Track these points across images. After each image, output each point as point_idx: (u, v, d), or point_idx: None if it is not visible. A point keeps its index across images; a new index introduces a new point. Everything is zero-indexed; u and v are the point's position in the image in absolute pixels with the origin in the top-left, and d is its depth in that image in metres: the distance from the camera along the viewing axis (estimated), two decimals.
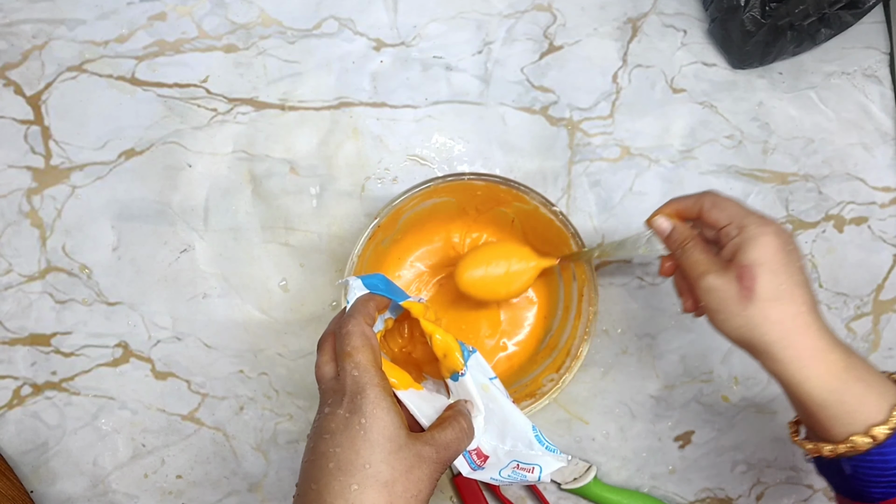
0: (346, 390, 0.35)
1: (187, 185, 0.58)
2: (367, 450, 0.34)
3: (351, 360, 0.36)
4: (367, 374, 0.36)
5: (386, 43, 0.60)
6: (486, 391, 0.42)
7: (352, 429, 0.34)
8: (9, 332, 0.56)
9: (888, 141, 0.62)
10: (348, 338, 0.37)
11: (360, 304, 0.39)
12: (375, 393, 0.35)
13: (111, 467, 0.56)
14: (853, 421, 0.37)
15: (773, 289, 0.38)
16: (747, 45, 0.58)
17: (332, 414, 0.35)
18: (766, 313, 0.38)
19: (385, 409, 0.35)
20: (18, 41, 0.58)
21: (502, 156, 0.59)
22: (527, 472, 0.41)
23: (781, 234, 0.39)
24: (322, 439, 0.35)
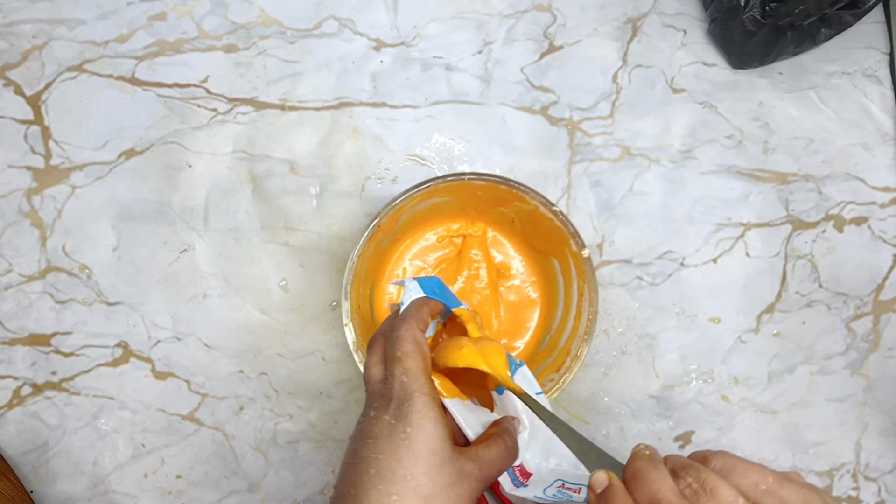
0: (394, 396, 0.35)
1: (187, 185, 0.58)
2: (410, 460, 0.33)
3: (401, 365, 0.35)
4: (417, 381, 0.35)
5: (386, 43, 0.60)
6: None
7: (396, 436, 0.33)
8: (9, 332, 0.56)
9: (888, 141, 0.62)
10: (400, 342, 0.36)
11: (413, 309, 0.38)
12: (423, 402, 0.34)
13: (111, 467, 0.56)
14: None
15: None
16: (748, 45, 0.58)
17: (377, 419, 0.34)
18: None
19: (432, 420, 0.34)
20: (18, 41, 0.58)
21: (502, 156, 0.59)
22: (573, 492, 0.40)
23: None
24: (365, 443, 0.34)
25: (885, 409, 0.60)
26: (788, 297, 0.60)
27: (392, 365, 0.36)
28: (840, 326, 0.60)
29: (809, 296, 0.60)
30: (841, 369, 0.60)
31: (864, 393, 0.60)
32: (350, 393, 0.57)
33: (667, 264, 0.59)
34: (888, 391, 0.61)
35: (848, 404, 0.58)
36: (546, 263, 0.56)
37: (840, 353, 0.60)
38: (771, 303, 0.60)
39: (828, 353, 0.60)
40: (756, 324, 0.60)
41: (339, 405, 0.57)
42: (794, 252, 0.61)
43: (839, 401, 0.41)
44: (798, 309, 0.60)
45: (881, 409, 0.60)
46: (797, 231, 0.61)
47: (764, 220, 0.61)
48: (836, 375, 0.60)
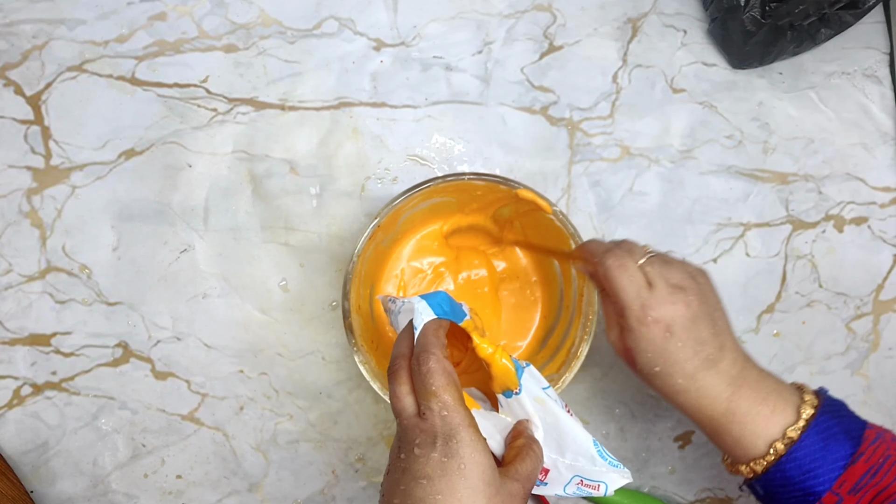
0: (438, 432, 0.35)
1: (187, 185, 0.58)
2: (471, 497, 0.33)
3: (437, 399, 0.35)
4: (458, 414, 0.35)
5: (386, 43, 0.60)
6: (542, 404, 0.41)
7: (451, 474, 0.33)
8: (9, 332, 0.56)
9: (888, 141, 0.62)
10: (431, 376, 0.36)
11: (432, 336, 0.38)
12: (470, 435, 0.34)
13: (111, 467, 0.56)
14: (752, 445, 0.41)
15: (650, 369, 0.42)
16: (747, 45, 0.58)
17: (426, 458, 0.34)
18: (650, 382, 0.43)
19: (482, 452, 0.34)
20: (18, 41, 0.58)
21: (502, 156, 0.59)
22: (592, 489, 0.40)
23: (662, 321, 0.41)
24: (418, 484, 0.34)
25: (884, 409, 0.60)
26: (788, 297, 0.60)
27: (428, 399, 0.35)
28: (840, 326, 0.60)
29: (809, 296, 0.60)
30: (841, 369, 0.60)
31: (863, 393, 0.60)
32: (350, 393, 0.57)
33: None
34: (888, 391, 0.61)
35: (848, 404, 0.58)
36: (546, 263, 0.56)
37: (840, 353, 0.60)
38: (771, 303, 0.60)
39: (827, 354, 0.60)
40: (756, 324, 0.60)
41: (339, 405, 0.57)
42: (794, 252, 0.61)
43: None
44: (798, 309, 0.60)
45: (881, 409, 0.60)
46: (797, 231, 0.61)
47: (764, 220, 0.61)
48: (835, 375, 0.60)
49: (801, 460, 0.39)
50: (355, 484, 0.57)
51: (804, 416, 0.40)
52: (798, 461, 0.39)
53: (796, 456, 0.39)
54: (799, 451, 0.39)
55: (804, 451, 0.39)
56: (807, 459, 0.39)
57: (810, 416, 0.40)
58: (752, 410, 0.40)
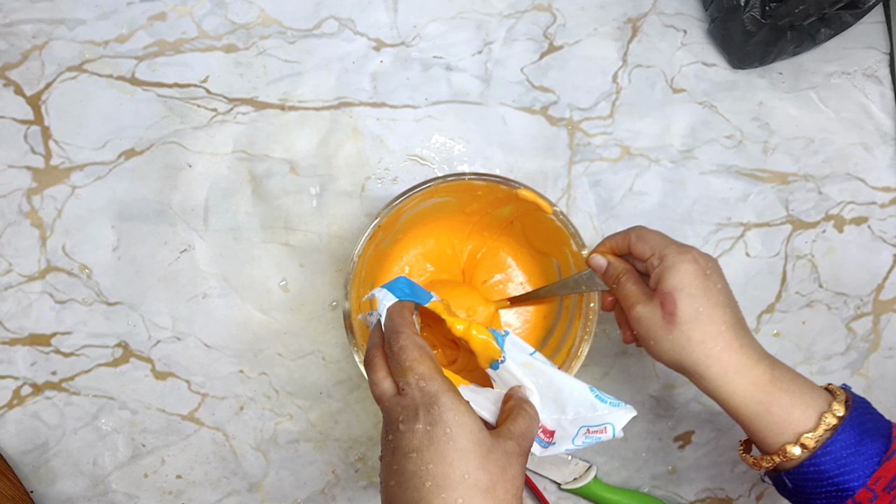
0: (419, 403, 0.34)
1: (187, 185, 0.58)
2: (462, 460, 0.33)
3: (413, 372, 0.35)
4: (435, 382, 0.35)
5: (386, 43, 0.60)
6: (530, 368, 0.41)
7: (438, 442, 0.33)
8: (9, 332, 0.56)
9: (888, 141, 0.62)
10: (404, 352, 0.36)
11: (398, 316, 0.39)
12: (450, 399, 0.34)
13: (111, 467, 0.56)
14: (783, 431, 0.39)
15: (692, 312, 0.40)
16: (747, 45, 0.58)
17: (411, 431, 0.34)
18: (689, 335, 0.40)
19: (465, 413, 0.34)
20: (18, 41, 0.58)
21: (502, 156, 0.59)
22: (599, 433, 0.40)
23: (699, 259, 0.42)
24: (408, 459, 0.33)
25: (885, 409, 0.60)
26: (788, 297, 0.60)
27: (404, 375, 0.35)
28: (840, 326, 0.60)
29: (809, 296, 0.60)
30: (841, 369, 0.60)
31: (863, 393, 0.60)
32: (350, 393, 0.57)
33: None
34: (888, 391, 0.61)
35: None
36: (546, 263, 0.56)
37: (840, 353, 0.60)
38: (771, 303, 0.60)
39: (828, 353, 0.60)
40: (756, 324, 0.60)
41: (339, 405, 0.57)
42: (794, 252, 0.61)
43: None
44: (798, 309, 0.60)
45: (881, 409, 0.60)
46: (797, 231, 0.61)
47: (764, 220, 0.61)
48: (835, 375, 0.60)
49: (836, 454, 0.38)
50: (355, 484, 0.57)
51: (837, 410, 0.39)
52: (833, 455, 0.38)
53: (831, 450, 0.38)
54: (834, 445, 0.38)
55: (839, 444, 0.38)
56: (842, 454, 0.38)
57: (844, 411, 0.39)
58: (787, 400, 0.39)
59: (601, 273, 0.47)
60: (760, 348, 0.41)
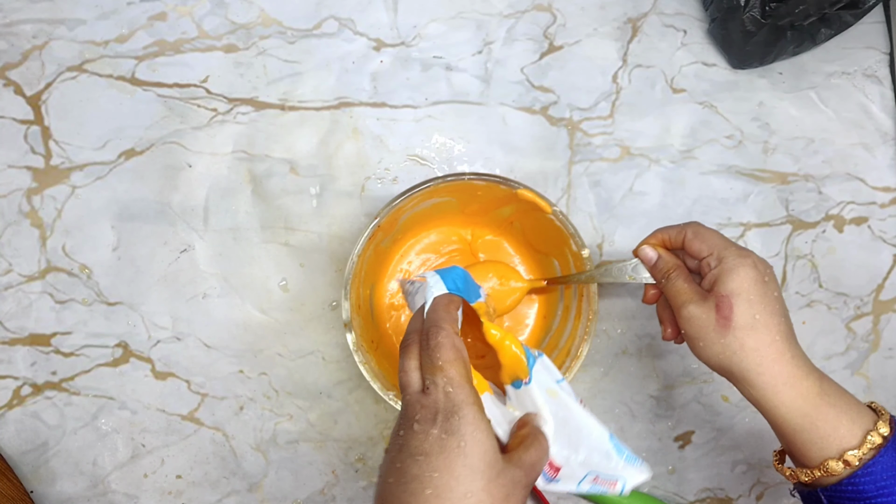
0: (440, 408, 0.33)
1: (187, 185, 0.58)
2: (469, 477, 0.31)
3: (443, 374, 0.34)
4: (462, 391, 0.33)
5: (386, 43, 0.60)
6: (554, 397, 0.39)
7: (449, 452, 0.32)
8: (9, 332, 0.56)
9: (888, 141, 0.62)
10: (439, 350, 0.34)
11: (443, 310, 0.37)
12: (473, 413, 0.33)
13: (111, 467, 0.56)
14: (827, 446, 0.38)
15: (748, 318, 0.40)
16: (747, 45, 0.58)
17: (424, 433, 0.32)
18: (743, 341, 0.40)
19: (484, 432, 0.33)
20: (18, 41, 0.58)
21: (502, 156, 0.59)
22: (608, 485, 0.38)
23: (758, 265, 0.41)
24: (415, 461, 0.32)
25: None
26: (788, 297, 0.60)
27: (433, 374, 0.34)
28: (840, 326, 0.60)
29: (809, 296, 0.60)
30: (841, 369, 0.60)
31: (864, 393, 0.60)
32: (350, 393, 0.57)
33: None
34: (888, 391, 0.61)
35: None
36: (546, 263, 0.56)
37: (840, 353, 0.60)
38: None
39: (828, 353, 0.60)
40: None
41: (339, 405, 0.57)
42: (794, 252, 0.61)
43: None
44: (798, 309, 0.60)
45: None
46: (797, 231, 0.61)
47: (764, 220, 0.61)
48: (836, 375, 0.60)
49: (877, 475, 0.37)
50: (355, 484, 0.57)
51: (883, 430, 0.38)
52: (874, 476, 0.37)
53: (872, 471, 0.37)
54: (875, 466, 0.37)
55: (881, 466, 0.37)
56: (882, 475, 0.37)
57: (889, 430, 0.38)
58: (834, 415, 0.39)
59: (649, 266, 0.46)
60: (809, 361, 0.41)
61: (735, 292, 0.40)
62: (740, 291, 0.40)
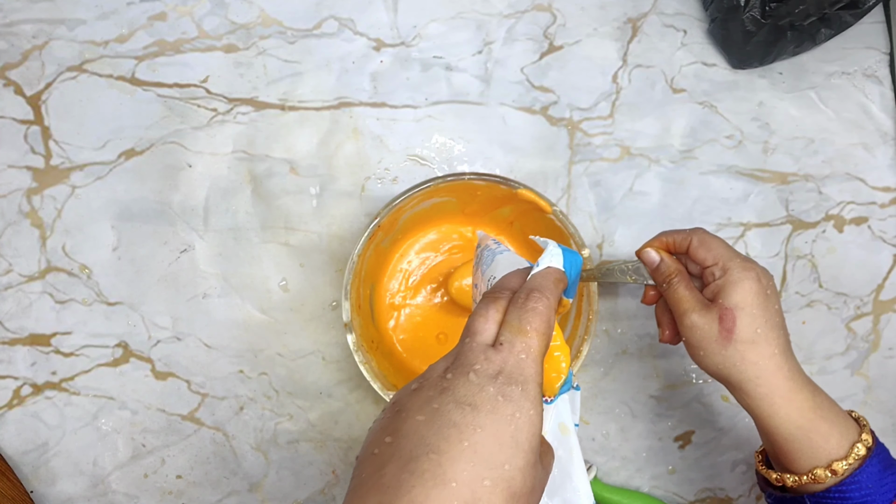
0: (505, 370, 0.30)
1: (187, 185, 0.58)
2: (512, 449, 0.28)
3: (525, 339, 0.31)
4: (535, 366, 0.31)
5: (386, 43, 0.60)
6: (564, 434, 0.36)
7: (501, 415, 0.29)
8: (9, 332, 0.56)
9: (888, 141, 0.62)
10: (534, 315, 0.32)
11: (553, 283, 0.34)
12: (536, 393, 0.30)
13: (111, 467, 0.56)
14: (817, 455, 0.40)
15: (750, 332, 0.41)
16: (748, 45, 0.58)
17: (479, 386, 0.29)
18: (743, 354, 0.41)
19: (540, 417, 0.30)
20: (18, 41, 0.58)
21: (502, 156, 0.59)
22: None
23: (762, 278, 0.42)
24: (459, 408, 0.29)
25: (885, 409, 0.60)
26: (788, 297, 0.60)
27: (514, 334, 0.31)
28: (840, 326, 0.60)
29: (809, 296, 0.60)
30: (841, 369, 0.60)
31: (864, 393, 0.60)
32: (350, 393, 0.57)
33: None
34: (888, 391, 0.61)
35: (848, 404, 0.58)
36: None
37: (840, 353, 0.60)
38: None
39: (828, 353, 0.60)
40: None
41: (339, 405, 0.57)
42: (794, 252, 0.61)
43: (839, 401, 0.41)
44: (798, 309, 0.60)
45: (881, 409, 0.60)
46: (797, 231, 0.61)
47: (764, 220, 0.61)
48: (836, 375, 0.60)
49: (863, 483, 0.39)
50: None
51: (867, 441, 0.40)
52: (860, 484, 0.39)
53: (859, 479, 0.39)
54: (861, 475, 0.39)
55: (866, 475, 0.39)
56: (867, 483, 0.39)
57: (872, 442, 0.40)
58: (826, 428, 0.40)
59: (651, 269, 0.46)
60: (804, 373, 0.42)
61: (739, 305, 0.41)
62: (744, 305, 0.41)
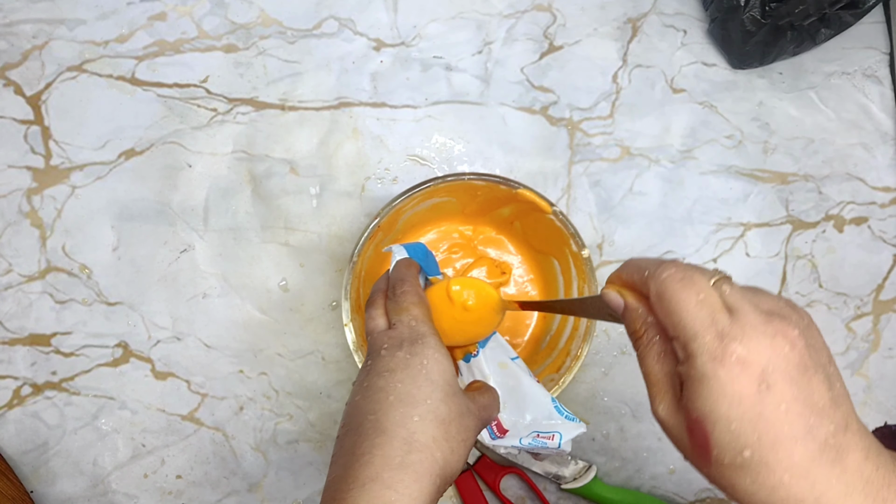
0: (405, 337, 0.37)
1: (187, 185, 0.58)
2: (429, 387, 0.35)
3: (408, 313, 0.38)
4: (426, 325, 0.38)
5: (386, 43, 0.60)
6: (504, 369, 0.44)
7: (413, 367, 0.35)
8: (9, 332, 0.56)
9: (888, 141, 0.62)
10: (405, 296, 0.39)
11: (405, 268, 0.42)
12: (435, 341, 0.37)
13: (111, 467, 0.56)
14: None
15: (733, 455, 0.26)
16: (747, 45, 0.58)
17: (390, 356, 0.36)
18: (732, 482, 0.27)
19: (444, 356, 0.36)
20: (18, 41, 0.58)
21: (502, 156, 0.59)
22: (547, 439, 0.42)
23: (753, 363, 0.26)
24: (380, 376, 0.35)
25: (884, 409, 0.60)
26: (788, 298, 0.60)
27: (399, 314, 0.38)
28: (840, 326, 0.60)
29: (809, 296, 0.60)
30: (841, 369, 0.60)
31: (864, 393, 0.60)
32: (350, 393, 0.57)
33: None
34: (888, 391, 0.61)
35: None
36: (546, 263, 0.56)
37: (840, 353, 0.60)
38: None
39: None
40: None
41: (339, 405, 0.57)
42: (794, 252, 0.61)
43: None
44: None
45: (881, 409, 0.60)
46: (797, 231, 0.61)
47: (764, 220, 0.61)
48: None
49: None
50: None
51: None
52: None
53: None
54: None
55: None
56: None
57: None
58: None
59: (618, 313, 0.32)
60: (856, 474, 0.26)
61: (709, 416, 0.26)
62: (717, 416, 0.26)
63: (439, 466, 0.33)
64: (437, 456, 0.33)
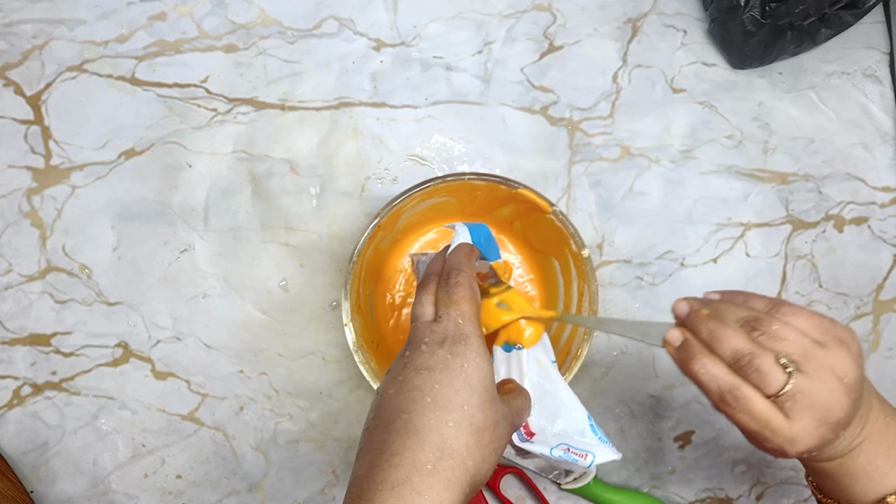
0: (448, 334, 0.36)
1: (187, 185, 0.58)
2: (467, 392, 0.34)
3: (457, 307, 0.37)
4: (472, 325, 0.36)
5: (386, 43, 0.60)
6: (544, 369, 0.42)
7: (452, 369, 0.34)
8: (9, 332, 0.56)
9: (888, 141, 0.62)
10: (458, 288, 0.37)
11: (465, 257, 0.40)
12: (478, 344, 0.36)
13: (111, 467, 0.56)
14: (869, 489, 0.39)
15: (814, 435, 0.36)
16: (747, 45, 0.58)
17: (431, 353, 0.35)
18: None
19: (486, 361, 0.35)
20: (18, 41, 0.58)
21: (502, 156, 0.59)
22: (579, 457, 0.41)
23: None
24: (418, 373, 0.34)
25: None
26: (788, 298, 0.60)
27: (447, 307, 0.37)
28: None
29: (809, 296, 0.60)
30: None
31: None
32: (350, 393, 0.57)
33: (667, 264, 0.59)
34: (888, 391, 0.60)
35: None
36: (546, 263, 0.56)
37: None
38: None
39: None
40: None
41: (339, 405, 0.57)
42: (794, 252, 0.61)
43: None
44: None
45: None
46: (797, 231, 0.61)
47: (764, 220, 0.61)
48: None
49: None
50: None
51: None
52: None
53: None
54: None
55: None
56: None
57: None
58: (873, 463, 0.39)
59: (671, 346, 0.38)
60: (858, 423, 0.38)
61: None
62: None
63: (470, 475, 0.32)
64: (469, 464, 0.32)
